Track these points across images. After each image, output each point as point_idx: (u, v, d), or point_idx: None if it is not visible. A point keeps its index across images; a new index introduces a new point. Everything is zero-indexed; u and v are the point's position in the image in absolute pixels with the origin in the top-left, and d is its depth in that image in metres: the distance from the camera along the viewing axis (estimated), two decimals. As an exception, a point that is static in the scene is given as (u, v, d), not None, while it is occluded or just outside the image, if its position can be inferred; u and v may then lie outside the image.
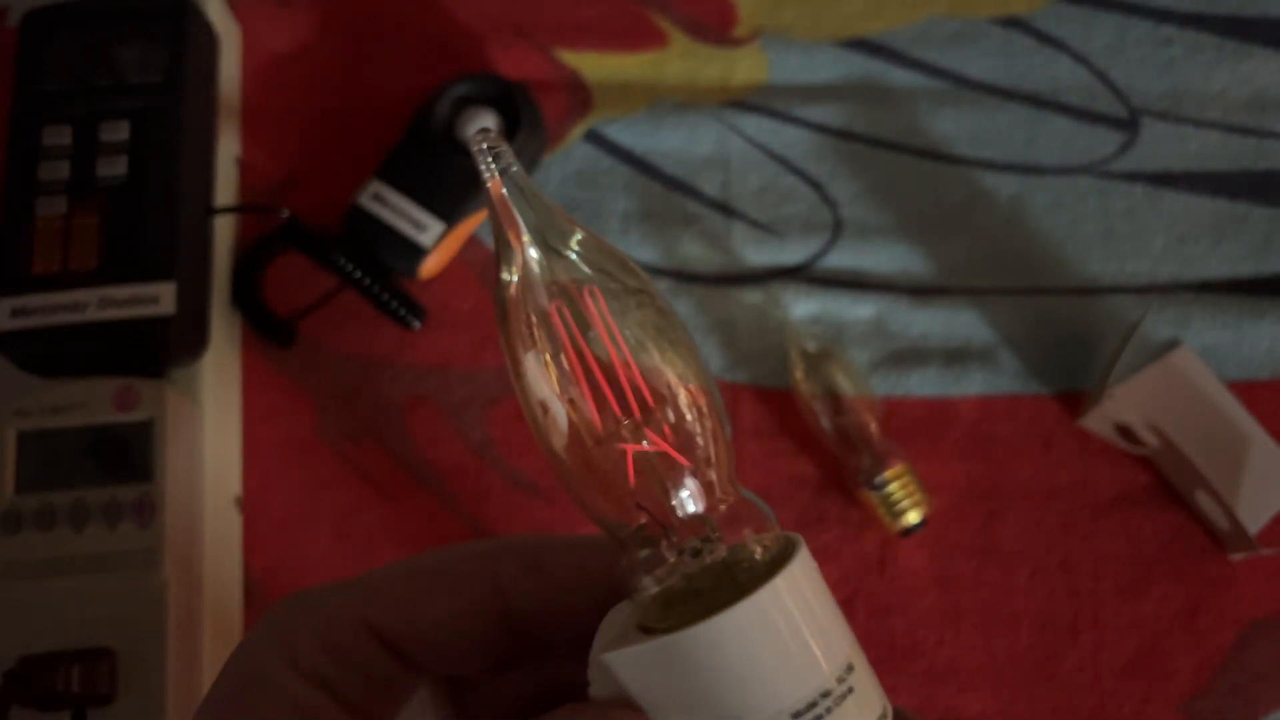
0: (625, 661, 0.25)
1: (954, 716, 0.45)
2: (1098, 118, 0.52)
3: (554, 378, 0.29)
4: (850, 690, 0.24)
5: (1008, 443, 0.48)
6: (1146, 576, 0.46)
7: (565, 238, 0.29)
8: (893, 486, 0.45)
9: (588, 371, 0.28)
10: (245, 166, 0.52)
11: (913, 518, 0.45)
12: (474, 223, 0.50)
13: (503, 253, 0.29)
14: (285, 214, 0.49)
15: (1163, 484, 0.47)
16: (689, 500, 0.27)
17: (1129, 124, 0.52)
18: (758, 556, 0.26)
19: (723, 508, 0.27)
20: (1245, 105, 0.52)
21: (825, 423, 0.46)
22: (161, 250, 0.44)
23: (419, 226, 0.48)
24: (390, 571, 0.27)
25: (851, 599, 0.46)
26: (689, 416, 0.29)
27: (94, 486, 0.41)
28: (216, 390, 0.47)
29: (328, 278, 0.49)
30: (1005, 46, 0.53)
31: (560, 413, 0.29)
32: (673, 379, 0.29)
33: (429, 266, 0.49)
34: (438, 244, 0.48)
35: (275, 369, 0.49)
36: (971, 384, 0.49)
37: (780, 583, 0.24)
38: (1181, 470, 0.46)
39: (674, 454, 0.28)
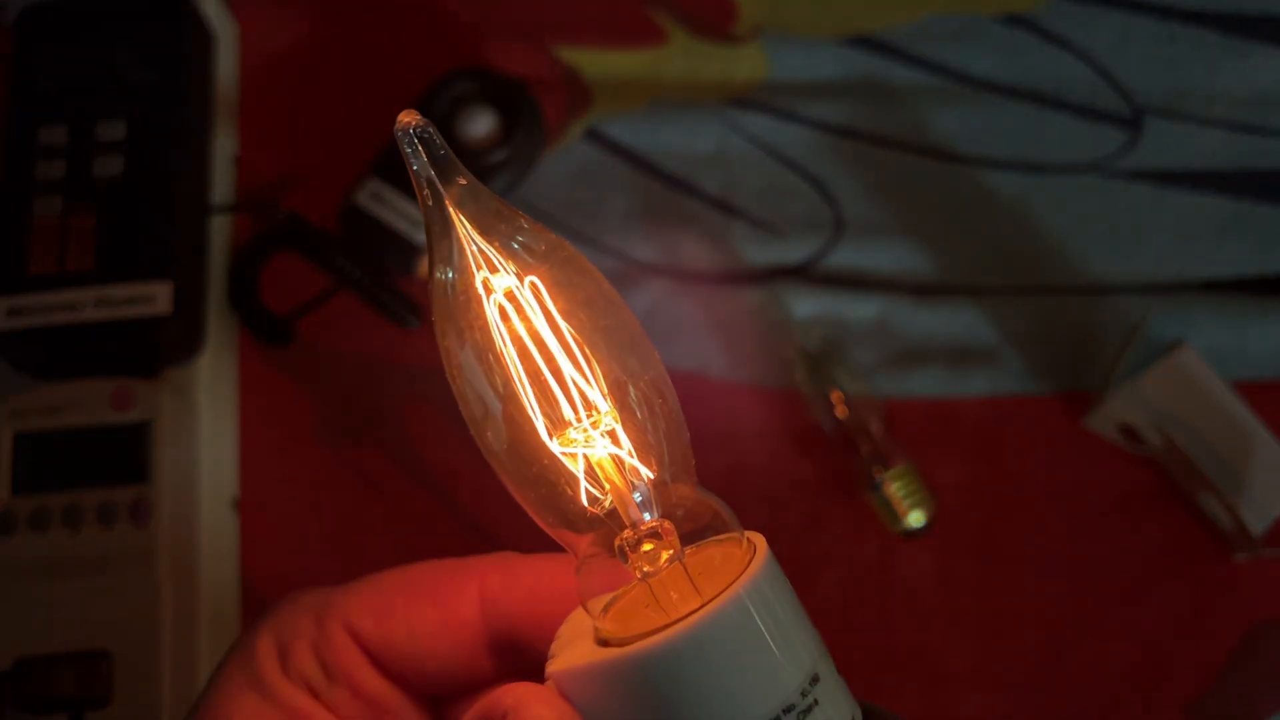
0: (574, 679, 0.23)
1: (957, 718, 0.45)
2: (1101, 115, 0.52)
3: (496, 377, 0.27)
4: (815, 703, 0.23)
5: (1011, 443, 0.48)
6: (1150, 577, 0.46)
7: (507, 228, 0.27)
8: (895, 487, 0.45)
9: (531, 370, 0.27)
10: (242, 165, 0.51)
11: (915, 518, 0.45)
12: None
13: (436, 248, 0.27)
14: (282, 213, 0.49)
15: (1167, 484, 0.47)
16: (643, 503, 0.25)
17: (1132, 122, 0.52)
18: (717, 561, 0.24)
19: (679, 513, 0.26)
20: (1249, 103, 0.52)
21: (827, 423, 0.46)
22: (158, 250, 0.44)
23: (416, 225, 0.48)
24: (376, 582, 0.27)
25: (854, 601, 0.46)
26: (639, 414, 0.27)
27: (90, 487, 0.41)
28: (213, 390, 0.46)
29: (325, 277, 0.49)
30: (1008, 44, 0.53)
31: (499, 413, 0.27)
32: (621, 375, 0.27)
33: (427, 266, 0.49)
34: (436, 243, 0.48)
35: (272, 369, 0.49)
36: (974, 384, 0.48)
37: (742, 592, 0.22)
38: (1185, 471, 0.46)
39: (627, 457, 0.26)
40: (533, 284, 0.27)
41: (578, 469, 0.26)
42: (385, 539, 0.47)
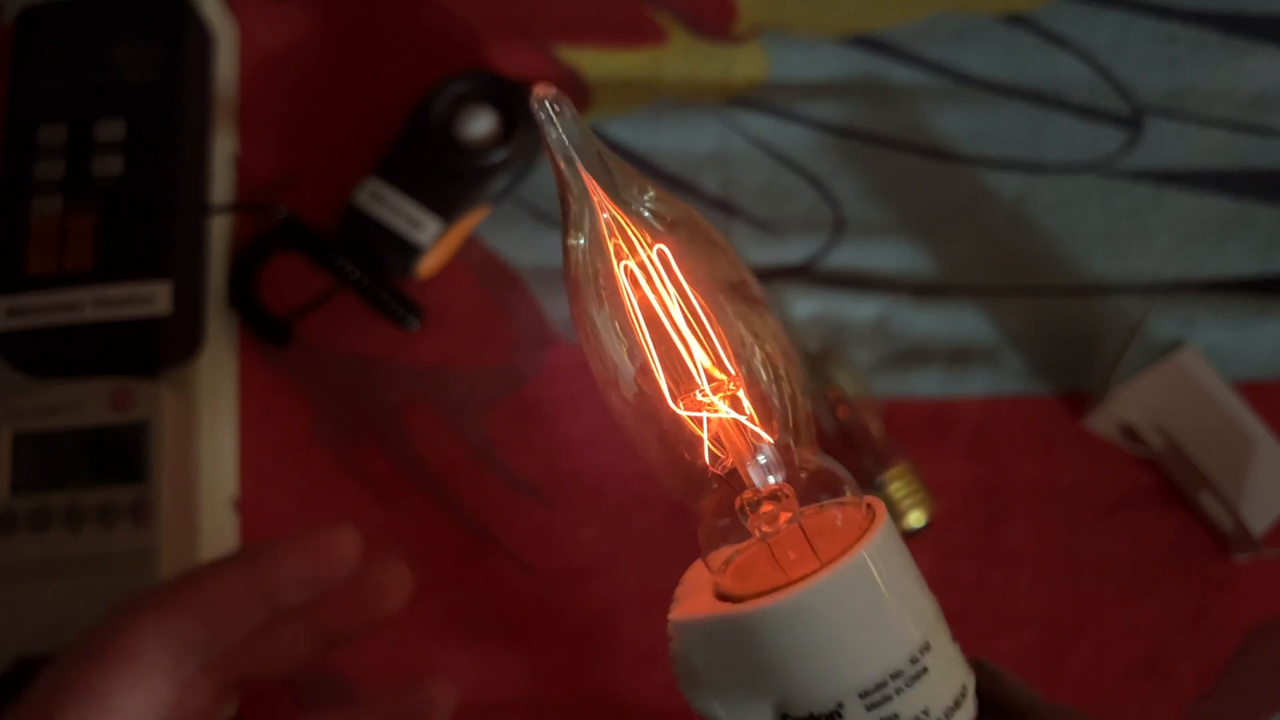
0: (693, 628, 0.24)
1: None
2: (1101, 115, 0.52)
3: (625, 341, 0.28)
4: (924, 670, 0.23)
5: (1011, 443, 0.48)
6: (1150, 578, 0.46)
7: (636, 194, 0.28)
8: (895, 487, 0.45)
9: (658, 336, 0.27)
10: (242, 165, 0.51)
11: (915, 518, 0.45)
12: (472, 221, 0.50)
13: (570, 215, 0.28)
14: (282, 213, 0.49)
15: (1167, 485, 0.47)
16: (766, 467, 0.26)
17: (1133, 122, 0.52)
18: (838, 523, 0.25)
19: (803, 475, 0.26)
20: (1250, 103, 0.52)
21: (827, 423, 0.46)
22: (157, 249, 0.44)
23: (417, 225, 0.48)
24: (179, 579, 0.32)
25: (853, 601, 0.46)
26: (765, 378, 0.28)
27: (90, 487, 0.41)
28: (213, 390, 0.46)
29: (325, 277, 0.49)
30: (1008, 44, 0.53)
31: (629, 376, 0.28)
32: (749, 341, 0.28)
33: (427, 266, 0.49)
34: (435, 243, 0.48)
35: (272, 369, 0.49)
36: (974, 384, 0.48)
37: (858, 557, 0.23)
38: (1186, 471, 0.46)
39: (748, 422, 0.27)
40: (660, 252, 0.28)
41: (703, 431, 0.27)
42: (384, 539, 0.47)
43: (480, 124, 0.49)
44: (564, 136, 0.27)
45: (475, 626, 0.46)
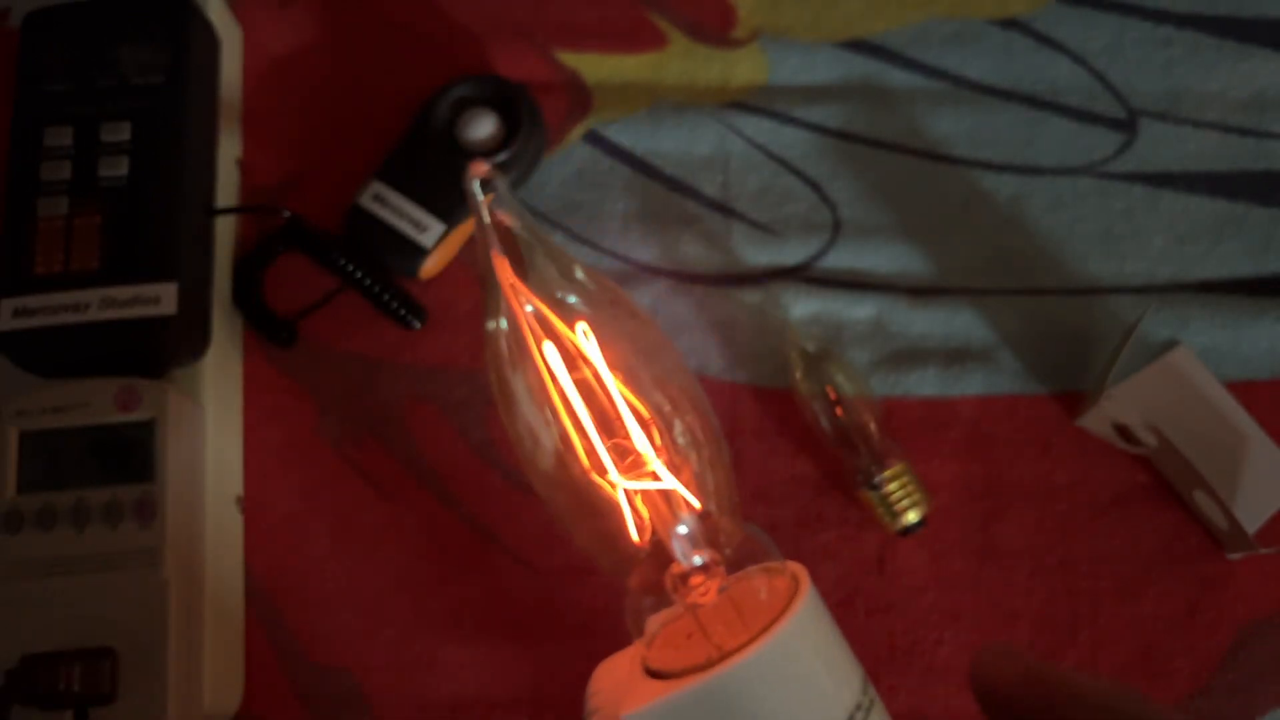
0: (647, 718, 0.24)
1: (953, 716, 0.45)
2: (1096, 118, 0.52)
3: (545, 418, 0.28)
4: (874, 700, 0.24)
5: (1007, 443, 0.48)
6: (1145, 576, 0.47)
7: (562, 276, 0.29)
8: (892, 486, 0.45)
9: (577, 412, 0.28)
10: (246, 167, 0.52)
11: (912, 517, 0.45)
12: (474, 223, 0.50)
13: (490, 298, 0.29)
14: (286, 214, 0.49)
15: (1161, 484, 0.47)
16: (691, 538, 0.26)
17: (1128, 124, 0.52)
18: (762, 595, 0.25)
19: (728, 551, 0.27)
20: (1244, 105, 0.52)
21: (824, 423, 0.47)
22: (163, 251, 0.44)
23: (419, 227, 0.48)
24: None
25: (850, 598, 0.46)
26: (682, 442, 0.28)
27: (95, 486, 0.41)
28: (218, 390, 0.47)
29: (328, 278, 0.49)
30: (1004, 47, 0.53)
31: (549, 451, 0.28)
32: (666, 410, 0.28)
33: (429, 267, 0.49)
34: (438, 244, 0.48)
35: (276, 369, 0.49)
36: (970, 384, 0.49)
37: (792, 623, 0.23)
38: (1180, 470, 0.46)
39: (675, 489, 0.27)
40: (583, 327, 0.29)
41: (623, 505, 0.27)
42: (387, 538, 0.48)
43: (482, 127, 0.49)
44: (489, 222, 0.28)
45: (477, 624, 0.46)
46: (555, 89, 0.53)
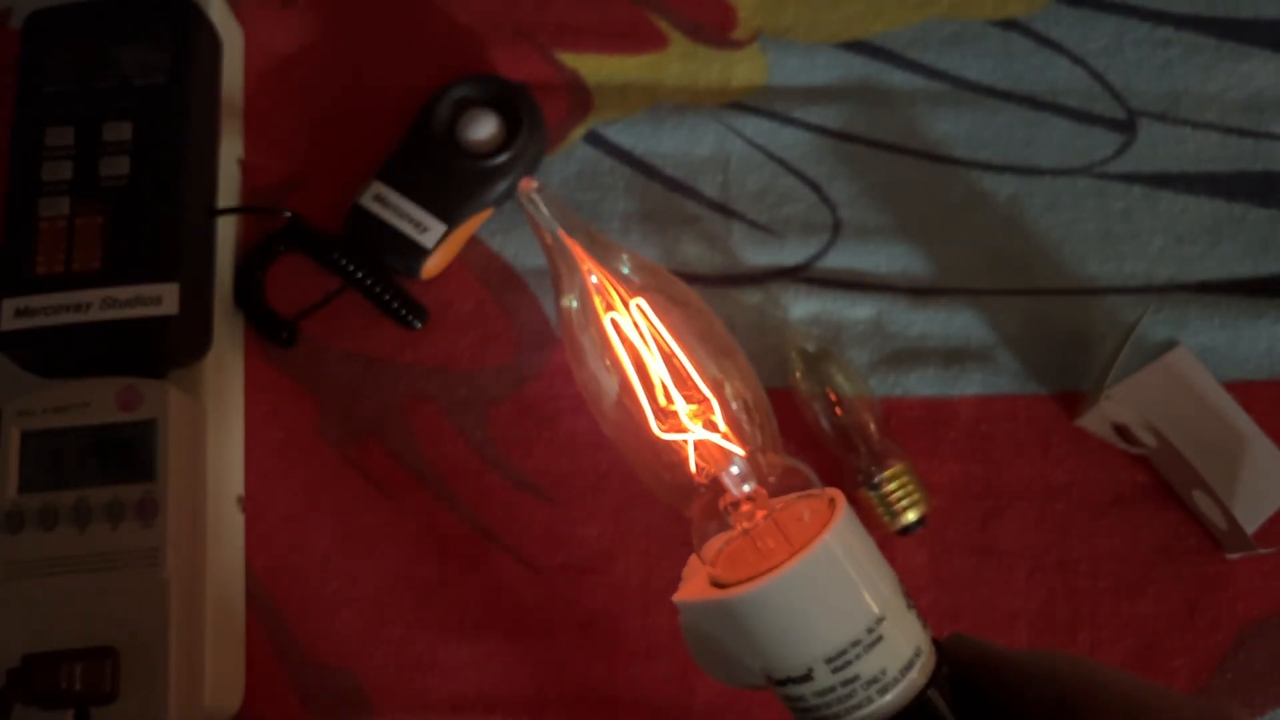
0: (690, 610, 0.30)
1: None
2: (1095, 119, 0.52)
3: (616, 380, 0.35)
4: (880, 638, 0.28)
5: (1006, 442, 0.48)
6: (1144, 576, 0.47)
7: (615, 261, 0.36)
8: (891, 486, 0.45)
9: (647, 371, 0.34)
10: (247, 167, 0.52)
11: (911, 517, 0.45)
12: (475, 223, 0.50)
13: (562, 282, 0.36)
14: (287, 215, 0.49)
15: (1160, 484, 0.48)
16: (740, 475, 0.32)
17: (1127, 125, 0.52)
18: (805, 517, 0.30)
19: (772, 480, 0.32)
20: (1243, 106, 0.52)
21: (824, 422, 0.47)
22: (164, 251, 0.44)
23: (420, 227, 0.48)
24: None
25: (850, 598, 0.46)
26: (735, 405, 0.34)
27: (97, 486, 0.41)
28: (219, 390, 0.47)
29: (330, 278, 0.49)
30: (1003, 48, 0.53)
31: (622, 409, 0.35)
32: (717, 376, 0.35)
33: (430, 267, 0.49)
34: (439, 244, 0.48)
35: (277, 369, 0.49)
36: (970, 384, 0.49)
37: (822, 545, 0.28)
38: (1179, 470, 0.46)
39: (722, 440, 0.33)
40: (639, 305, 0.35)
41: (688, 450, 0.34)
42: (388, 537, 0.48)
43: (483, 128, 0.49)
44: (551, 220, 0.36)
45: (478, 623, 0.47)
46: (556, 89, 0.53)
